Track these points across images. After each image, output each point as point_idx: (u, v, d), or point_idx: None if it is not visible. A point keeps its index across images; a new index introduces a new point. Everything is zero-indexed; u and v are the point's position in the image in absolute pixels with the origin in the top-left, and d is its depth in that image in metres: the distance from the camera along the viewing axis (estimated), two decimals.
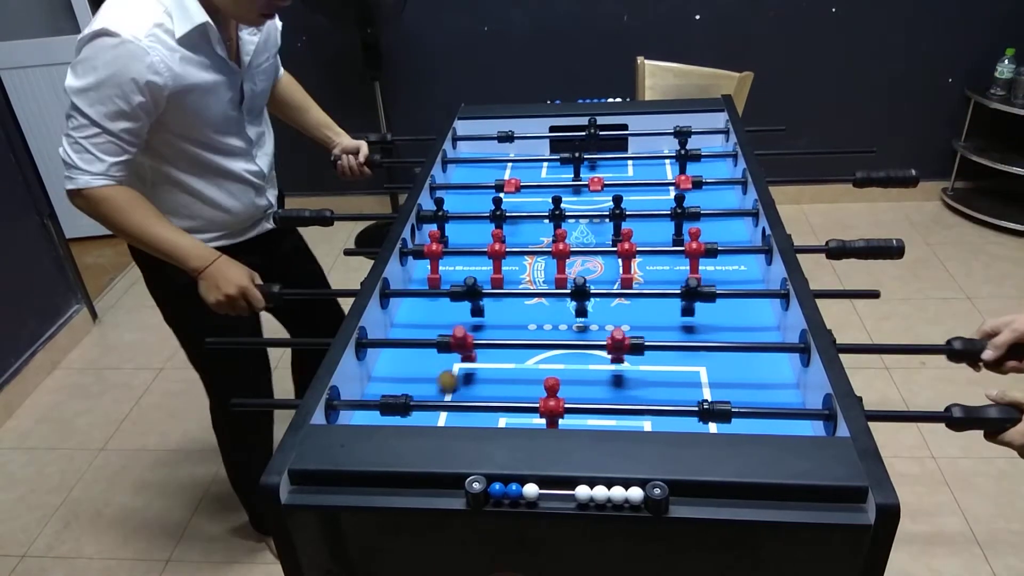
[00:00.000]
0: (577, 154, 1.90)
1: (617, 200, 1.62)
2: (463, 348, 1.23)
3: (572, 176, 1.90)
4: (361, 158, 1.98)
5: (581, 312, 1.38)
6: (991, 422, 1.03)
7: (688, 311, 1.36)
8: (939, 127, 3.74)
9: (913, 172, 1.70)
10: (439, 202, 1.66)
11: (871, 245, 1.43)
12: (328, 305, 2.11)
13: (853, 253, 1.44)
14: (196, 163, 1.62)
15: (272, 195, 1.85)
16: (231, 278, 1.46)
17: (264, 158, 1.78)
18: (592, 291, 1.35)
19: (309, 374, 1.09)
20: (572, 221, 1.70)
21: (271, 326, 2.05)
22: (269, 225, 1.85)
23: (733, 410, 1.07)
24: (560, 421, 1.14)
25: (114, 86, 1.41)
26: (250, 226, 1.81)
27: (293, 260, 2.00)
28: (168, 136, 1.55)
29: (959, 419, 1.04)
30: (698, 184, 1.75)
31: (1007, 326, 1.18)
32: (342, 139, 2.00)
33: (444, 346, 1.23)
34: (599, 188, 1.78)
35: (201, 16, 1.47)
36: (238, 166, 1.69)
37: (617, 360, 1.24)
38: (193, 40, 1.48)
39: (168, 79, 1.45)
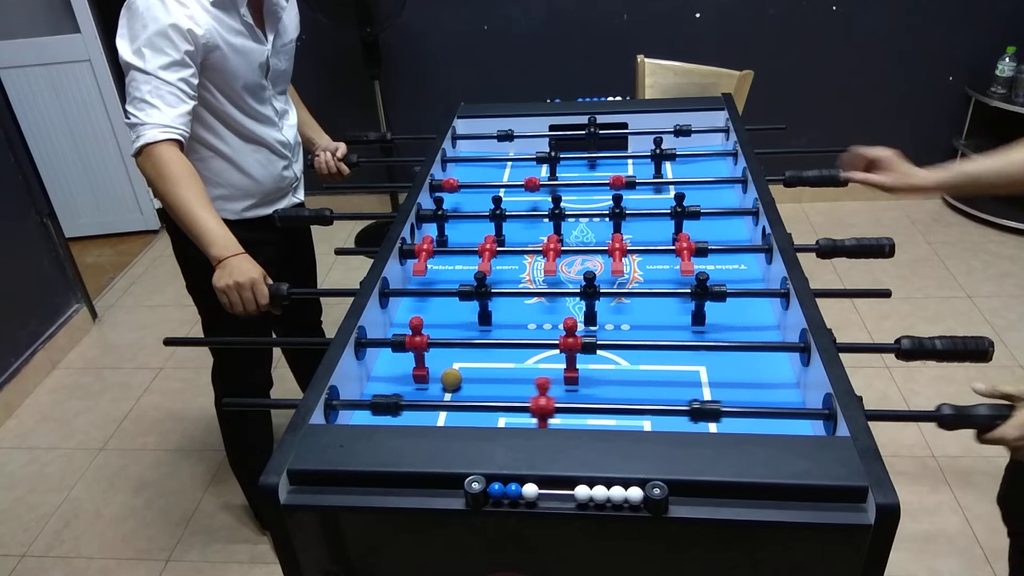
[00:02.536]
0: (552, 152, 1.91)
1: (617, 199, 1.62)
2: (418, 347, 1.24)
3: (549, 176, 1.91)
4: (339, 154, 2.05)
5: (590, 318, 1.37)
6: (982, 419, 1.03)
7: (699, 319, 1.35)
8: (940, 125, 3.74)
9: (842, 173, 1.69)
10: (439, 201, 1.66)
11: (862, 244, 1.43)
12: (316, 301, 2.26)
13: (843, 252, 1.43)
14: (229, 126, 1.73)
15: (298, 169, 1.96)
16: (244, 270, 1.49)
17: (289, 129, 1.89)
18: (601, 290, 1.35)
19: (303, 368, 1.06)
20: (572, 220, 1.70)
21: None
22: (295, 199, 1.97)
23: (725, 409, 1.07)
24: (559, 421, 1.13)
25: (162, 36, 1.52)
26: (277, 198, 1.91)
27: (301, 250, 2.11)
28: (205, 95, 1.65)
29: (950, 417, 1.04)
30: (631, 185, 1.75)
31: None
32: (323, 140, 2.08)
33: (399, 346, 1.24)
34: (535, 188, 1.78)
35: None
36: (267, 133, 1.80)
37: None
38: (224, 4, 1.60)
39: (204, 31, 1.56)
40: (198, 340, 1.98)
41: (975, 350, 1.17)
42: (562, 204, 1.63)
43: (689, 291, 1.33)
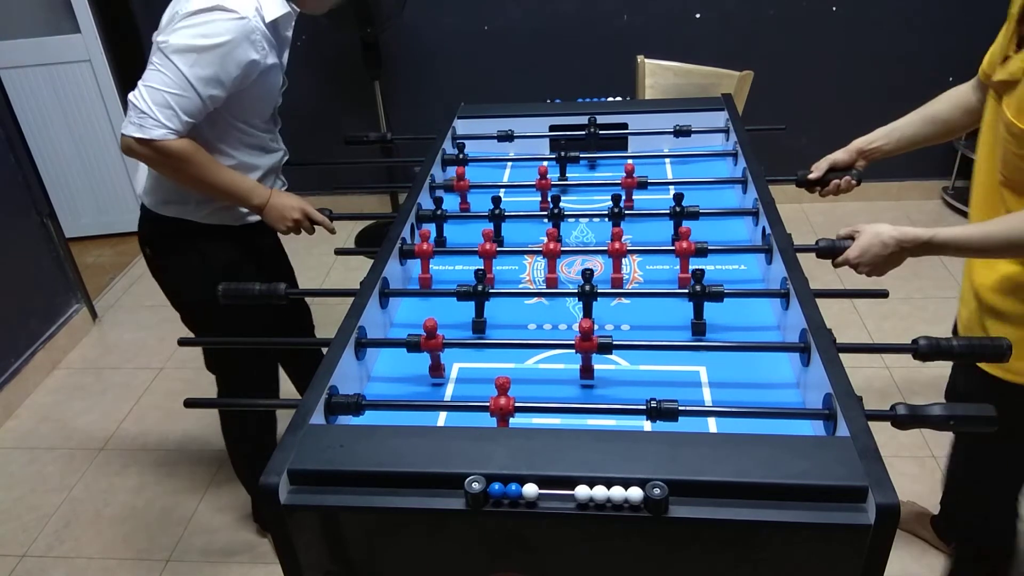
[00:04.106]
0: (564, 153, 1.91)
1: (616, 199, 1.62)
2: (434, 349, 1.23)
3: (558, 176, 1.90)
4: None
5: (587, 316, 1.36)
6: (935, 419, 1.02)
7: (698, 328, 1.34)
8: None
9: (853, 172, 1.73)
10: (438, 201, 1.66)
11: None
12: (305, 305, 2.27)
13: (843, 252, 1.44)
14: (240, 138, 1.75)
15: (282, 176, 1.98)
16: (290, 204, 1.72)
17: (280, 140, 1.93)
18: (599, 291, 1.35)
19: (297, 372, 1.06)
20: (572, 220, 1.70)
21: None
22: None
23: (682, 408, 1.08)
24: (556, 422, 1.14)
25: (220, 56, 1.53)
26: None
27: (277, 254, 2.11)
28: (231, 111, 1.67)
29: (905, 417, 1.03)
30: (643, 185, 1.75)
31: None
32: None
33: (414, 346, 1.23)
34: (547, 187, 1.78)
35: (287, 5, 1.65)
36: (272, 144, 1.86)
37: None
38: (276, 26, 1.65)
39: (263, 57, 1.60)
40: (210, 340, 1.95)
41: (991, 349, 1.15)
42: (561, 204, 1.63)
43: (687, 291, 1.33)
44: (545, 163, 1.83)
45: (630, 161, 1.80)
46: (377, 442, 1.00)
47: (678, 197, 1.59)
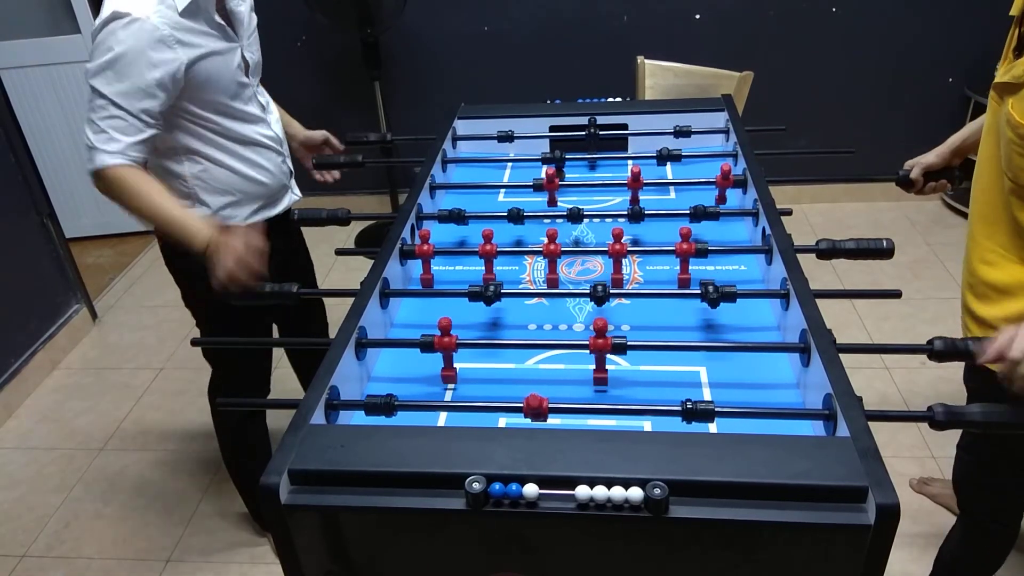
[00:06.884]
0: (558, 152, 1.90)
1: (636, 212, 1.62)
2: (447, 348, 1.23)
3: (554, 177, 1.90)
4: (327, 147, 2.07)
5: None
6: (975, 416, 1.02)
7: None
8: (939, 127, 3.72)
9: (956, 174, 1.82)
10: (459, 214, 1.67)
11: (861, 246, 1.43)
12: (320, 303, 2.25)
13: (843, 254, 1.43)
14: (223, 135, 1.70)
15: (290, 162, 1.94)
16: (225, 254, 1.44)
17: (276, 124, 1.87)
18: (612, 291, 1.35)
19: (307, 371, 1.05)
20: (586, 220, 1.70)
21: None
22: (294, 195, 1.97)
23: (719, 409, 1.07)
24: (557, 422, 1.14)
25: (128, 63, 1.47)
26: (281, 196, 1.91)
27: (300, 257, 2.12)
28: (192, 111, 1.63)
29: (942, 415, 1.03)
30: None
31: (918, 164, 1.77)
32: (300, 133, 2.07)
33: (428, 346, 1.23)
34: (555, 187, 1.78)
35: None
36: (259, 132, 1.78)
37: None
38: (193, 11, 1.55)
39: (181, 52, 1.53)
40: (218, 341, 1.93)
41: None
42: (562, 205, 1.64)
43: (699, 292, 1.33)
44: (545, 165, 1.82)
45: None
46: (377, 442, 1.00)
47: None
